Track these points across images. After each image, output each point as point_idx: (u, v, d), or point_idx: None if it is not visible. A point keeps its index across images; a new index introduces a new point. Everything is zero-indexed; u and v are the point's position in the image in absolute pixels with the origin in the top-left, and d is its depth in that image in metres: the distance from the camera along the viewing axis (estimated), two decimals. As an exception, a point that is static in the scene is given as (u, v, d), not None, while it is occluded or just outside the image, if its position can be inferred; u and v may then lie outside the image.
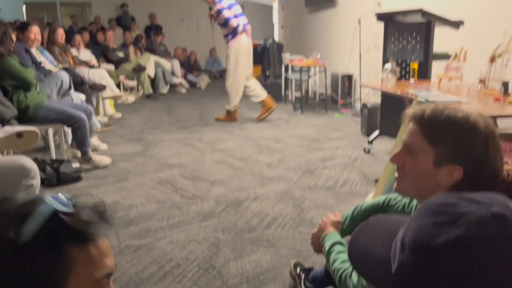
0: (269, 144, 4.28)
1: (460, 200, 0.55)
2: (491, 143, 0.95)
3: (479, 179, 0.93)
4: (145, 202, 2.81)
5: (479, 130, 0.94)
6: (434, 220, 0.54)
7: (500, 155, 0.97)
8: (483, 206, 0.53)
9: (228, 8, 5.08)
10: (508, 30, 2.64)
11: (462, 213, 0.53)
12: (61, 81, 3.70)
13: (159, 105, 6.85)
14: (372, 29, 5.47)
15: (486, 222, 0.51)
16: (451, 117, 0.96)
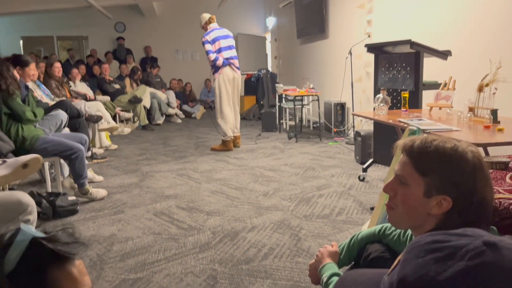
0: (265, 173, 4.30)
1: (448, 236, 0.58)
2: (480, 173, 0.97)
3: (468, 209, 0.95)
4: (141, 234, 2.80)
5: (467, 161, 0.97)
6: (433, 256, 0.56)
7: (489, 184, 0.99)
8: (472, 238, 0.56)
9: (212, 42, 5.26)
10: (493, 60, 2.73)
11: (458, 246, 0.55)
12: (60, 121, 3.76)
13: (155, 136, 6.89)
14: (363, 59, 5.62)
15: (483, 251, 0.53)
16: (439, 148, 0.99)
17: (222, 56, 5.30)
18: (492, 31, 3.54)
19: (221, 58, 5.30)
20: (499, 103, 2.71)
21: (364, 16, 5.70)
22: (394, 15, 5.01)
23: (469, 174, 0.96)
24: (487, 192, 0.98)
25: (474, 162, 0.97)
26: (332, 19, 6.90)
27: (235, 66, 5.44)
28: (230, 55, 5.37)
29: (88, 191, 3.45)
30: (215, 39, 5.28)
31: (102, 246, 2.63)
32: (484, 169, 0.99)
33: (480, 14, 3.66)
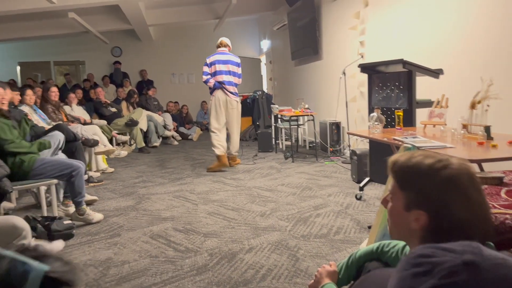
0: (262, 193, 4.29)
1: (436, 250, 0.58)
2: (460, 190, 0.95)
3: (444, 225, 0.94)
4: (138, 258, 2.77)
5: (443, 176, 0.96)
6: (413, 271, 0.57)
7: (473, 200, 0.96)
8: (456, 254, 0.56)
9: (210, 65, 5.53)
10: (484, 77, 2.77)
11: (437, 263, 0.56)
12: (58, 141, 3.77)
13: (152, 158, 6.89)
14: (357, 79, 5.69)
15: (458, 270, 0.54)
16: (417, 163, 1.01)
17: (215, 79, 5.49)
18: (482, 49, 3.61)
19: (213, 80, 5.49)
20: (492, 119, 2.74)
21: (356, 37, 5.80)
22: (386, 36, 5.11)
23: (444, 190, 0.96)
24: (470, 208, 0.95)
25: (453, 178, 0.96)
26: (325, 40, 7.01)
27: (228, 90, 5.54)
28: (224, 79, 5.51)
29: (85, 211, 3.43)
30: (212, 63, 5.50)
31: (98, 270, 2.60)
32: (468, 186, 0.96)
33: (470, 33, 3.74)
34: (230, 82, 5.56)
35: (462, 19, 3.82)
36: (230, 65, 5.57)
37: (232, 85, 5.58)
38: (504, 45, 3.37)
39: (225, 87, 5.52)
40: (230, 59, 5.59)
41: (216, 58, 5.53)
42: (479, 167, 2.30)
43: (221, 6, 9.10)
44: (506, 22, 3.34)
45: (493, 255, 0.55)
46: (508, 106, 3.25)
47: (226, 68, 5.53)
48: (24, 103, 4.65)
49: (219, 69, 5.50)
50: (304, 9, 7.46)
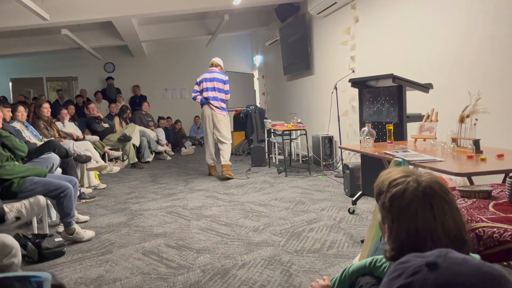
0: (255, 208, 4.29)
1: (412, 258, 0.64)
2: (423, 205, 0.99)
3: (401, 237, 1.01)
4: (129, 275, 2.74)
5: (404, 193, 1.01)
6: (390, 277, 0.64)
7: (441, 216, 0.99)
8: (423, 258, 0.61)
9: (199, 83, 6.22)
10: (472, 91, 2.82)
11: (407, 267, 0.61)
12: (52, 164, 3.74)
13: (144, 174, 6.86)
14: (348, 94, 5.74)
15: (420, 270, 0.59)
16: (384, 180, 1.08)
17: (202, 96, 6.16)
18: (470, 64, 3.67)
19: (200, 97, 6.18)
20: (481, 133, 2.78)
21: (347, 53, 5.88)
22: (377, 51, 5.18)
23: (404, 206, 1.01)
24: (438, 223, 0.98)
25: (414, 193, 1.00)
26: (317, 56, 7.10)
27: (213, 105, 6.12)
28: (209, 95, 6.12)
29: (75, 231, 3.40)
30: (201, 81, 6.20)
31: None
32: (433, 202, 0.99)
33: (458, 48, 3.81)
34: (215, 97, 6.11)
35: (451, 35, 3.89)
36: (216, 82, 6.12)
37: (217, 100, 6.12)
38: (491, 60, 3.43)
39: (210, 103, 6.10)
40: (216, 77, 6.15)
41: (204, 76, 6.19)
42: (469, 180, 2.32)
43: (213, 22, 9.20)
44: (493, 39, 3.41)
45: (455, 256, 0.60)
46: (496, 120, 3.30)
47: (212, 85, 6.11)
48: (16, 119, 4.63)
49: (205, 86, 6.13)
50: (295, 25, 7.56)
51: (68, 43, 8.78)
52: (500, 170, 2.33)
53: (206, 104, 6.12)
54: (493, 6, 3.40)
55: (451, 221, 0.99)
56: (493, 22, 3.40)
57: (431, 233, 0.98)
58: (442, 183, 1.04)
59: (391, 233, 1.04)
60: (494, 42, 3.39)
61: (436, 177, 1.05)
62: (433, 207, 0.99)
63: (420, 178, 1.03)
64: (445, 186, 1.04)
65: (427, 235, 0.98)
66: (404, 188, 1.02)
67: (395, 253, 1.05)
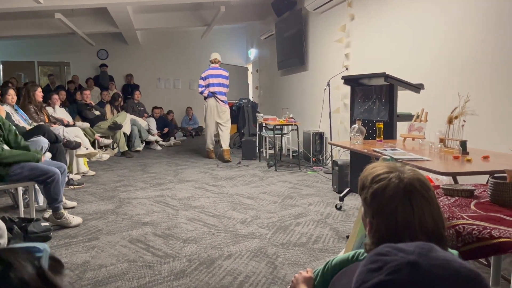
0: (243, 200, 4.31)
1: (391, 250, 0.64)
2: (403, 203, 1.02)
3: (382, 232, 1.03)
4: (115, 262, 2.75)
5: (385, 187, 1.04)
6: (368, 267, 0.64)
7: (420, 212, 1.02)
8: (404, 254, 0.62)
9: (204, 78, 7.00)
10: (462, 93, 2.86)
11: (387, 261, 0.62)
12: (40, 147, 3.72)
13: (134, 163, 6.84)
14: (341, 91, 5.77)
15: (402, 269, 0.60)
16: (367, 175, 1.11)
17: (208, 90, 6.93)
18: (461, 67, 3.71)
19: (207, 91, 6.95)
20: (468, 134, 2.83)
21: (342, 50, 5.90)
22: (371, 49, 5.21)
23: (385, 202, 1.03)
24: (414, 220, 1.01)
25: (395, 190, 1.03)
26: (312, 52, 7.11)
27: (220, 99, 6.98)
28: (215, 90, 6.95)
29: (63, 215, 3.39)
30: (206, 77, 6.97)
31: (74, 273, 2.57)
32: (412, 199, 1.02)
33: (451, 51, 3.85)
34: (221, 92, 7.00)
35: (444, 37, 3.93)
36: (221, 78, 6.98)
37: (222, 95, 7.00)
38: (481, 64, 3.48)
39: (217, 97, 6.93)
40: (221, 74, 7.00)
41: (209, 73, 6.97)
42: (454, 180, 2.36)
43: (209, 13, 9.16)
44: (485, 43, 3.45)
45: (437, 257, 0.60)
46: (484, 122, 3.35)
47: (218, 81, 6.95)
48: (6, 102, 4.59)
49: (211, 82, 6.93)
50: (291, 20, 7.56)
51: (61, 27, 8.69)
52: (485, 171, 2.38)
53: (212, 97, 6.92)
54: (485, 11, 3.44)
55: (430, 218, 1.01)
56: (485, 27, 3.44)
57: (409, 229, 1.00)
58: (424, 180, 1.07)
59: (372, 228, 1.07)
60: (486, 46, 3.44)
61: (418, 174, 1.08)
62: (412, 204, 1.01)
63: (403, 175, 1.05)
64: (426, 183, 1.06)
65: (406, 231, 1.00)
66: (386, 184, 1.04)
67: (375, 247, 1.07)
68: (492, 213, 1.36)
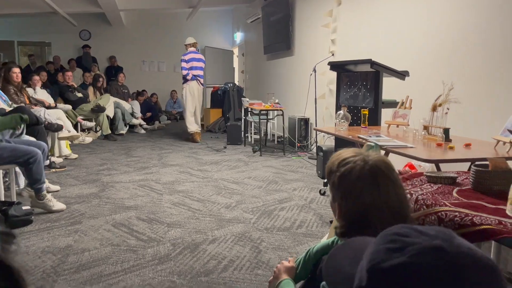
0: (228, 185, 4.31)
1: (411, 231, 0.62)
2: (369, 184, 1.06)
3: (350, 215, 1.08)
4: (98, 246, 2.73)
5: (350, 171, 1.08)
6: (387, 246, 0.61)
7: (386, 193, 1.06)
8: (428, 237, 0.60)
9: (186, 61, 7.08)
10: (446, 81, 2.89)
11: (410, 243, 0.60)
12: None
13: (117, 146, 6.76)
14: (327, 77, 5.77)
15: (426, 253, 0.58)
16: (333, 160, 1.15)
17: (192, 73, 7.08)
18: (445, 54, 3.74)
19: (191, 74, 7.08)
20: (451, 122, 2.86)
21: (328, 35, 5.88)
22: (357, 35, 5.20)
23: (352, 184, 1.07)
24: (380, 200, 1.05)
25: (361, 171, 1.07)
26: (298, 36, 7.07)
27: (201, 82, 7.25)
28: (198, 73, 7.16)
29: (45, 197, 3.34)
30: (190, 60, 7.10)
31: (57, 257, 2.55)
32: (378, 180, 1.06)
33: (437, 39, 3.87)
34: (202, 75, 7.26)
35: (431, 25, 3.94)
36: (201, 62, 7.25)
37: (202, 78, 7.29)
38: (464, 52, 3.51)
39: (199, 79, 7.17)
40: (201, 58, 7.28)
41: (192, 56, 7.12)
42: (436, 167, 2.40)
43: (195, -5, 9.00)
44: (467, 31, 3.47)
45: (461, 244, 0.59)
46: (467, 110, 3.40)
47: (200, 64, 7.18)
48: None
49: (195, 65, 7.11)
50: (278, 4, 7.48)
51: (42, 6, 8.42)
52: (467, 159, 2.42)
53: (195, 80, 7.10)
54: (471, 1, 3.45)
55: (395, 198, 1.06)
56: (470, 16, 3.46)
57: (377, 209, 1.04)
58: (388, 162, 1.11)
59: (341, 211, 1.10)
60: (470, 34, 3.46)
61: (382, 157, 1.12)
62: (378, 185, 1.06)
63: (367, 158, 1.09)
64: (390, 165, 1.11)
65: (373, 211, 1.05)
66: (352, 167, 1.08)
67: (345, 229, 1.12)
68: (474, 200, 1.38)
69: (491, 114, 3.27)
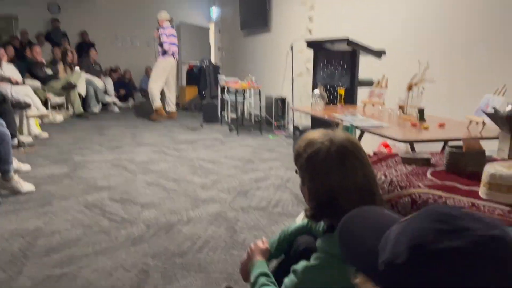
0: (204, 165, 4.26)
1: (464, 215, 0.58)
2: (336, 164, 1.06)
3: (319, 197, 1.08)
4: (69, 228, 2.66)
5: (319, 155, 1.07)
6: (437, 227, 0.56)
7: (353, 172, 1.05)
8: (486, 226, 0.56)
9: (166, 35, 7.03)
10: (422, 61, 2.88)
11: (465, 227, 0.55)
12: None
13: (90, 125, 6.58)
14: (304, 55, 5.71)
15: (486, 242, 0.54)
16: (300, 142, 1.13)
17: (172, 49, 7.10)
18: (422, 34, 3.73)
19: (171, 49, 7.09)
20: (427, 102, 2.87)
21: (306, 13, 5.80)
22: (334, 13, 5.14)
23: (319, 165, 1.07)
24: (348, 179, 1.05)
25: (328, 152, 1.06)
26: (275, 13, 6.95)
27: (176, 58, 7.33)
28: (176, 49, 7.23)
29: (13, 178, 3.22)
30: (170, 35, 7.10)
31: (25, 240, 2.47)
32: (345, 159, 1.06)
33: (413, 16, 3.85)
34: (177, 52, 7.32)
35: (409, 4, 3.92)
36: (176, 39, 7.30)
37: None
38: (440, 32, 3.51)
39: (175, 55, 7.20)
40: (175, 34, 7.30)
41: (171, 32, 7.15)
42: (411, 147, 2.41)
43: (169, -32, 8.70)
44: (443, 11, 3.47)
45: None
46: (442, 90, 3.42)
47: (176, 40, 7.22)
48: None
49: (173, 41, 7.13)
50: (255, -21, 7.31)
51: (6, -23, 7.99)
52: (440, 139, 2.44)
53: (173, 56, 7.11)
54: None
55: (362, 176, 1.06)
56: (448, -7, 3.45)
57: (344, 190, 1.04)
58: (355, 141, 1.10)
59: (310, 193, 1.09)
60: (447, 15, 3.46)
61: (349, 136, 1.11)
62: (345, 164, 1.05)
63: (334, 138, 1.08)
64: (358, 144, 1.10)
65: (341, 190, 1.05)
66: (319, 148, 1.07)
67: (315, 211, 1.12)
68: (447, 181, 1.38)
69: (465, 93, 3.30)
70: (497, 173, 1.17)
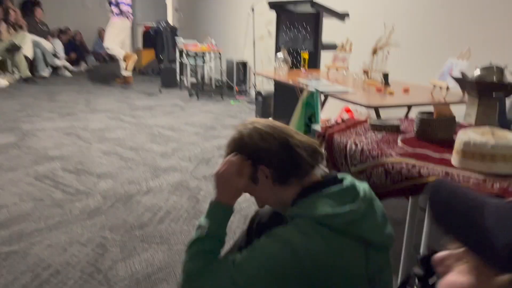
0: (163, 132, 4.10)
1: None
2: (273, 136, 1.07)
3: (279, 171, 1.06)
4: (18, 201, 2.48)
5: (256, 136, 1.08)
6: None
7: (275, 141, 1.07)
8: None
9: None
10: (388, 24, 2.82)
11: None
12: None
13: (39, 90, 6.17)
14: (266, 17, 5.53)
15: None
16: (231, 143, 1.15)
17: (128, 10, 6.77)
18: (386, -4, 3.67)
19: (126, 10, 6.73)
20: (391, 66, 2.84)
21: (267, -28, 5.57)
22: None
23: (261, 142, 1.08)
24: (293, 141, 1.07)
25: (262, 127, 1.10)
26: (236, -28, 6.66)
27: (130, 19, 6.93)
28: (129, 9, 6.80)
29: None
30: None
31: (-32, 216, 2.28)
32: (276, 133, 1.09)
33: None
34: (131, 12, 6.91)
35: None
36: None
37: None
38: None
39: (129, 16, 6.79)
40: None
41: None
42: (376, 113, 2.38)
43: None
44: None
45: None
46: (406, 54, 3.40)
47: (129, 1, 6.80)
48: None
49: (128, 3, 6.75)
50: None
51: None
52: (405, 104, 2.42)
53: (127, 18, 6.75)
54: None
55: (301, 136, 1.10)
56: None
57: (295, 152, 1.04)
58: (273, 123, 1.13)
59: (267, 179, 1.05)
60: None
61: (267, 120, 1.15)
62: (277, 128, 1.09)
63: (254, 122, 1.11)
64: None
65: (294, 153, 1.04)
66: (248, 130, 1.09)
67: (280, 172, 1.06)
68: (418, 148, 1.35)
69: (429, 57, 3.30)
70: (471, 140, 1.13)
